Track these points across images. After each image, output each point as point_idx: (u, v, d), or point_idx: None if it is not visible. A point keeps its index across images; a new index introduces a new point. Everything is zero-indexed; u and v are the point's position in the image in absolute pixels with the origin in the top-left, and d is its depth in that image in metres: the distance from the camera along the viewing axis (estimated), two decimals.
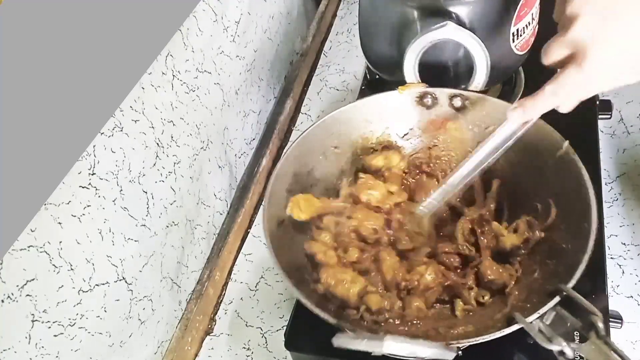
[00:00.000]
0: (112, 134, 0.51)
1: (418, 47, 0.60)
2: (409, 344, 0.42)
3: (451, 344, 0.44)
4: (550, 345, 0.42)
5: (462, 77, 0.65)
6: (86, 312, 0.49)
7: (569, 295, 0.44)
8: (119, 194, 0.53)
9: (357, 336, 0.43)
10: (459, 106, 0.62)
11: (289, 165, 0.60)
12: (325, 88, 0.93)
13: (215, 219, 0.75)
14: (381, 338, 0.41)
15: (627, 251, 0.65)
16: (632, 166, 0.73)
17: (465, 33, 0.58)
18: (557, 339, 0.41)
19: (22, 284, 0.42)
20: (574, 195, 0.52)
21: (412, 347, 0.42)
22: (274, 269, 0.72)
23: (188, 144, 0.65)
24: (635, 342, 0.58)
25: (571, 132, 0.56)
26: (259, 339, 0.67)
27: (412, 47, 0.60)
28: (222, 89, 0.73)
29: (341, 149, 0.65)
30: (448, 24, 0.58)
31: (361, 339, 0.43)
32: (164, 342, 0.64)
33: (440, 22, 0.59)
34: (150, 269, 0.59)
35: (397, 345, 0.41)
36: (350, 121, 0.64)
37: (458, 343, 0.44)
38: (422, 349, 0.42)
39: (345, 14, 1.06)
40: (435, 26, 0.58)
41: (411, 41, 0.60)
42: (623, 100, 0.80)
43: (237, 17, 0.74)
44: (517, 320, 0.44)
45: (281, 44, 0.92)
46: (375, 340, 0.42)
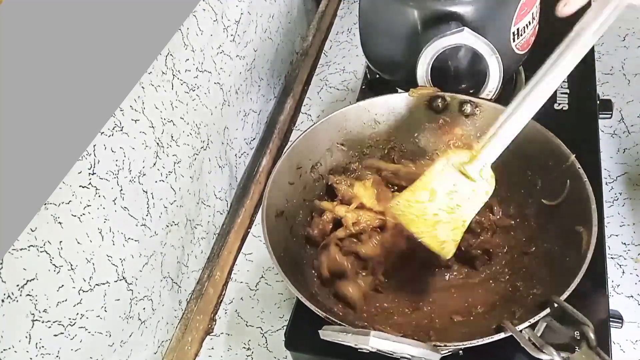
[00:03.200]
0: (112, 133, 0.51)
1: (432, 51, 0.60)
2: (394, 341, 0.42)
3: (438, 345, 0.44)
4: (541, 354, 0.42)
5: (468, 81, 0.65)
6: (86, 311, 0.49)
7: (560, 306, 0.44)
8: (119, 194, 0.53)
9: (343, 330, 0.43)
10: (468, 112, 0.62)
11: (293, 158, 0.60)
12: (326, 87, 0.93)
13: (215, 218, 0.75)
14: (367, 333, 0.41)
15: (627, 251, 0.65)
16: (632, 166, 0.73)
17: (480, 40, 0.58)
18: (547, 349, 0.41)
19: (22, 284, 0.42)
20: (575, 207, 0.52)
21: (397, 345, 0.42)
22: (274, 268, 0.73)
23: (188, 144, 0.65)
24: (636, 342, 0.58)
25: (572, 131, 0.56)
26: (259, 339, 0.67)
27: (426, 51, 0.60)
28: (222, 88, 0.73)
29: (347, 147, 0.65)
30: (464, 29, 0.58)
31: (347, 333, 0.43)
32: (164, 342, 0.64)
33: (441, 23, 0.59)
34: (150, 269, 0.59)
35: (382, 342, 0.41)
36: (359, 120, 0.64)
37: (445, 346, 0.44)
38: (407, 347, 0.42)
39: (346, 13, 1.06)
40: (452, 31, 0.58)
41: (418, 44, 0.60)
42: (624, 99, 0.80)
43: (237, 16, 0.74)
44: (506, 328, 0.44)
45: (281, 44, 0.92)
46: (361, 335, 0.42)
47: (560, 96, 0.74)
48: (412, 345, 0.42)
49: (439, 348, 0.44)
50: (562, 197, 0.54)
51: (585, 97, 0.72)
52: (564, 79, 0.48)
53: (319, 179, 0.64)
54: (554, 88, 0.48)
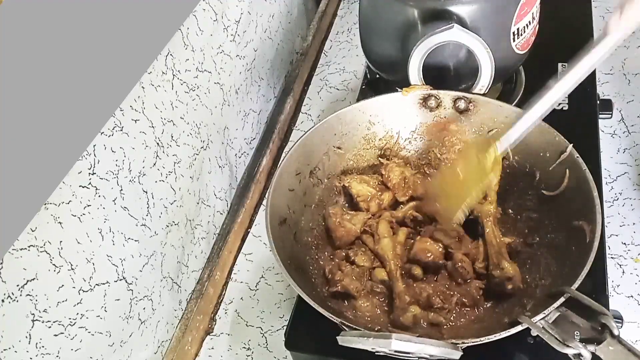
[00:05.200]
0: (112, 133, 0.51)
1: (423, 50, 0.60)
2: (415, 343, 0.42)
3: (457, 343, 0.44)
4: (566, 349, 0.41)
5: (464, 78, 0.65)
6: (86, 311, 0.49)
7: (574, 296, 0.44)
8: (119, 194, 0.53)
9: (363, 334, 0.43)
10: (462, 109, 0.62)
11: (292, 164, 0.60)
12: (326, 87, 0.93)
13: (215, 218, 0.75)
14: (389, 336, 0.41)
15: (628, 251, 0.65)
16: (632, 166, 0.73)
17: (470, 35, 0.58)
18: (573, 342, 0.41)
19: (22, 284, 0.42)
20: (577, 197, 0.52)
21: (419, 346, 0.42)
22: (274, 268, 0.73)
23: (188, 144, 0.65)
24: (636, 342, 0.58)
25: (572, 131, 0.56)
26: (259, 339, 0.67)
27: (417, 50, 0.60)
28: (222, 88, 0.73)
29: (344, 150, 0.65)
30: (453, 27, 0.58)
31: (367, 338, 0.43)
32: (164, 342, 0.64)
33: (441, 23, 0.59)
34: (150, 269, 0.59)
35: (405, 344, 0.41)
36: (354, 122, 0.64)
37: (463, 343, 0.45)
38: (428, 347, 0.42)
39: (346, 13, 1.06)
40: (441, 28, 0.58)
41: (416, 43, 0.60)
42: (624, 99, 0.80)
43: (237, 16, 0.74)
44: (523, 322, 0.44)
45: (281, 43, 0.92)
46: (382, 338, 0.42)
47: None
48: (434, 345, 0.42)
49: (458, 345, 0.44)
50: (563, 186, 0.55)
51: (585, 97, 0.72)
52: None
53: (318, 184, 0.64)
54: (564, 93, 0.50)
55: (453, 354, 0.43)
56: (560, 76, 0.50)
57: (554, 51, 0.77)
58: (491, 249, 0.55)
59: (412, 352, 0.42)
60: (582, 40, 0.51)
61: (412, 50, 0.60)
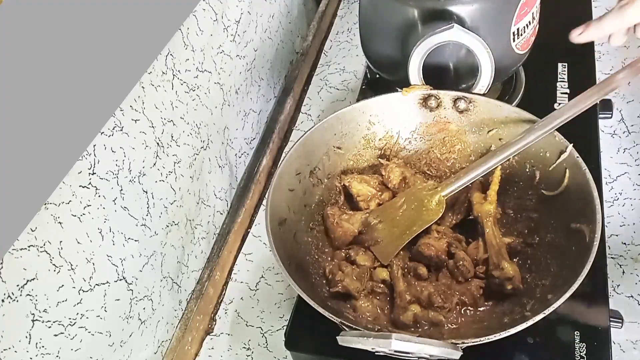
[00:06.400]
0: (112, 133, 0.51)
1: (423, 50, 0.60)
2: (415, 343, 0.42)
3: (457, 343, 0.44)
4: None
5: (464, 78, 0.65)
6: (86, 311, 0.49)
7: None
8: (119, 194, 0.53)
9: (363, 334, 0.43)
10: (462, 109, 0.62)
11: (292, 164, 0.60)
12: (326, 87, 0.93)
13: (215, 218, 0.75)
14: (388, 336, 0.41)
15: (627, 251, 0.65)
16: (632, 166, 0.73)
17: (470, 35, 0.58)
18: None
19: (22, 284, 0.42)
20: (577, 197, 0.52)
21: (419, 346, 0.42)
22: (274, 268, 0.73)
23: (188, 144, 0.65)
24: (636, 342, 0.58)
25: (572, 131, 0.56)
26: (259, 339, 0.67)
27: (417, 50, 0.60)
28: (223, 88, 0.73)
29: (344, 150, 0.65)
30: (453, 26, 0.58)
31: (367, 337, 0.43)
32: (164, 342, 0.64)
33: (441, 22, 0.59)
34: (150, 269, 0.59)
35: (405, 344, 0.41)
36: (354, 122, 0.64)
37: (463, 343, 0.45)
38: (428, 347, 0.42)
39: (346, 13, 1.06)
40: (440, 28, 0.58)
41: (416, 43, 0.60)
42: (624, 99, 0.80)
43: (237, 16, 0.74)
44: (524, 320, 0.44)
45: (281, 43, 0.92)
46: (382, 338, 0.42)
47: (560, 96, 0.74)
48: (434, 345, 0.42)
49: (458, 345, 0.44)
50: (562, 186, 0.55)
51: None
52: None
53: (318, 184, 0.64)
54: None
55: (453, 354, 0.43)
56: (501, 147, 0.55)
57: (554, 51, 0.77)
58: (491, 249, 0.55)
59: (412, 352, 0.42)
60: None
61: (412, 50, 0.60)
